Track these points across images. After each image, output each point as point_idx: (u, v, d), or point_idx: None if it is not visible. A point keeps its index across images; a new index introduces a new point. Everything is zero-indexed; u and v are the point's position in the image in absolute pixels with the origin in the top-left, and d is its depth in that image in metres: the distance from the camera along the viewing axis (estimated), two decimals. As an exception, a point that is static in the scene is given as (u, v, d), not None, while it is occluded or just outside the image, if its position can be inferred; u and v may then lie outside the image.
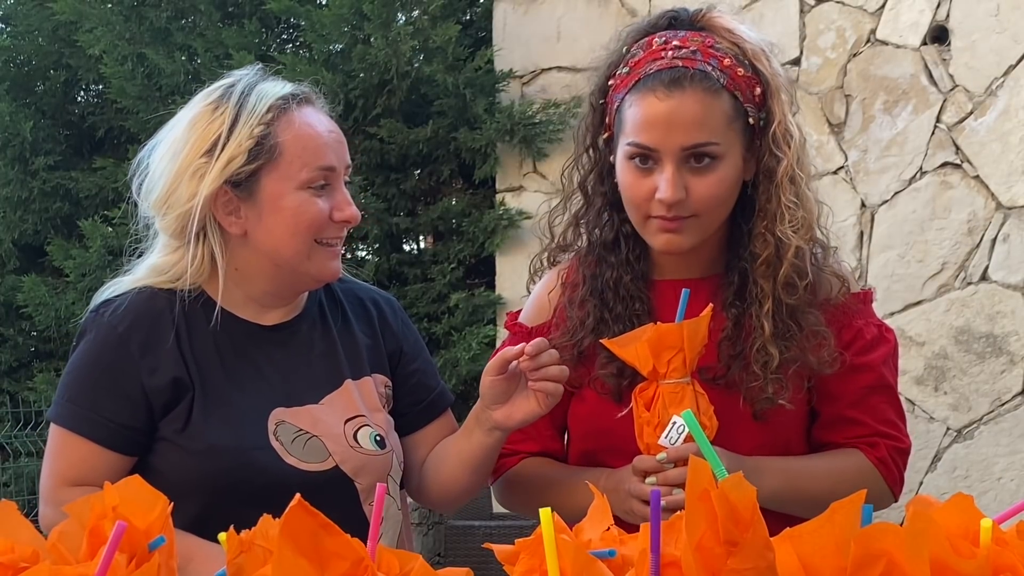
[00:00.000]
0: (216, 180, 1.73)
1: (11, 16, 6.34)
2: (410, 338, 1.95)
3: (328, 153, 1.77)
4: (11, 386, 6.15)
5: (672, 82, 1.68)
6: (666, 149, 1.68)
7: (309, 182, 1.74)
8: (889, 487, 1.80)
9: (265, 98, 1.79)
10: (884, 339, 1.81)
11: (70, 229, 5.97)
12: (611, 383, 1.77)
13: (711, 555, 0.85)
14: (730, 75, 1.71)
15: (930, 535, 0.83)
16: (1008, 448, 4.29)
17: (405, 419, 1.92)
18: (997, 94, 4.32)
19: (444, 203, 5.49)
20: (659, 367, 1.63)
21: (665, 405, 1.64)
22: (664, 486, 1.62)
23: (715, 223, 1.74)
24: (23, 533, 0.99)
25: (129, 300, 1.79)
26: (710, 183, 1.69)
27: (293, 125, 1.76)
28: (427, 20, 5.26)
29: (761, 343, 1.73)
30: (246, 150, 1.74)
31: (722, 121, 1.70)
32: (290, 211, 1.74)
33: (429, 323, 5.31)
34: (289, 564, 0.88)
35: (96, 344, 1.78)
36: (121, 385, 1.75)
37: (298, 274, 1.79)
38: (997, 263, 4.32)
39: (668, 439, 1.64)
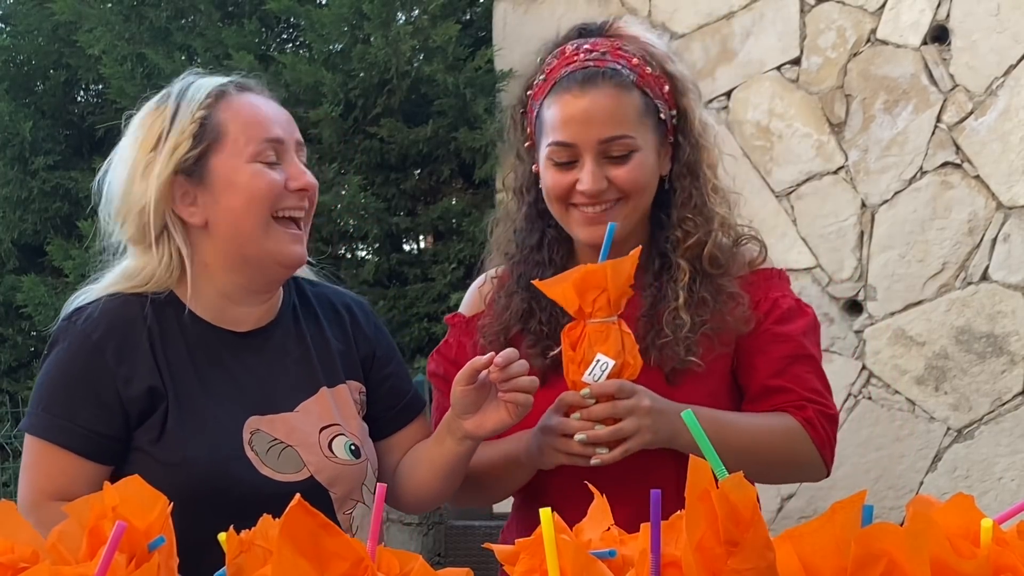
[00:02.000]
0: (165, 170, 1.73)
1: (11, 16, 6.34)
2: (383, 342, 1.94)
3: (273, 126, 1.77)
4: (11, 386, 6.15)
5: (585, 80, 1.78)
6: (584, 143, 1.76)
7: (258, 155, 1.74)
8: (818, 449, 1.82)
9: (204, 87, 1.79)
10: (802, 312, 1.87)
11: (70, 229, 5.97)
12: (536, 364, 1.82)
13: (711, 555, 0.85)
14: (639, 73, 1.80)
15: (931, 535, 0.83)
16: (1009, 448, 4.29)
17: (379, 424, 1.91)
18: (997, 94, 4.32)
19: (444, 203, 5.49)
20: (584, 306, 1.68)
21: (591, 343, 1.68)
22: (588, 421, 1.66)
23: (638, 210, 1.82)
24: (23, 533, 0.99)
25: (102, 307, 1.77)
26: (630, 169, 1.78)
27: (233, 105, 1.77)
28: (427, 20, 5.26)
29: (674, 309, 1.80)
30: (190, 135, 1.74)
31: (634, 115, 1.79)
32: (243, 184, 1.73)
33: (429, 323, 5.31)
34: (289, 564, 0.88)
35: (70, 352, 1.75)
36: (97, 393, 1.72)
37: (261, 258, 1.76)
38: (997, 263, 4.32)
39: (592, 376, 1.68)
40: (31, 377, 5.95)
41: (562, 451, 1.72)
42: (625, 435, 1.68)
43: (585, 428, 1.69)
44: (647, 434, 1.69)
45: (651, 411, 1.69)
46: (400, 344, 5.33)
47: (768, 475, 1.84)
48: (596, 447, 1.70)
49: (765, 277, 1.88)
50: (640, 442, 1.69)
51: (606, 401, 1.69)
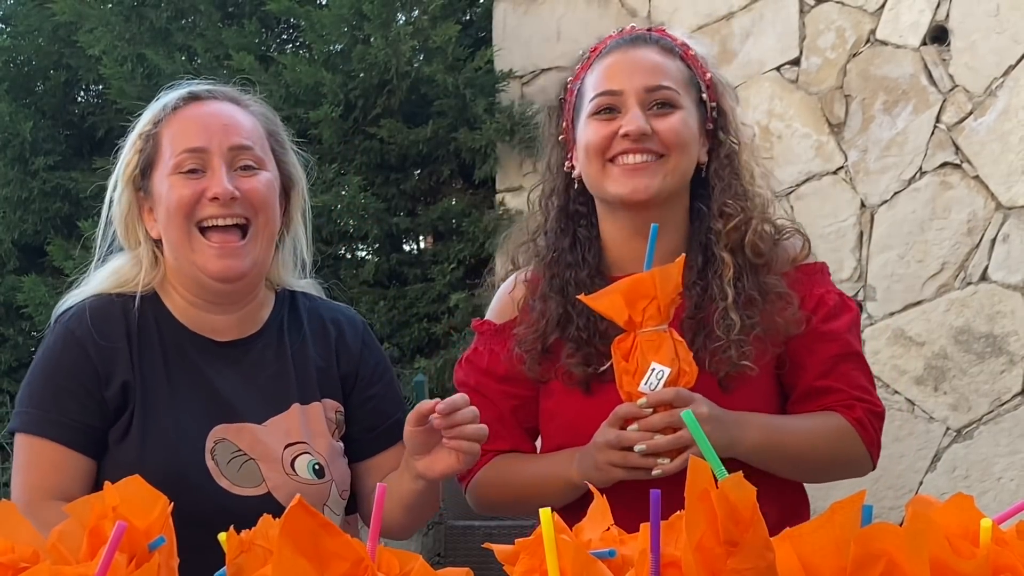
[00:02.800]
0: (121, 183, 1.79)
1: (11, 16, 6.33)
2: (370, 361, 1.90)
3: (196, 135, 1.76)
4: (11, 386, 6.15)
5: (632, 40, 1.81)
6: (630, 90, 1.75)
7: (177, 167, 1.75)
8: (867, 448, 1.81)
9: (164, 101, 1.83)
10: (847, 307, 1.84)
11: (70, 229, 5.96)
12: (578, 372, 1.79)
13: (711, 555, 0.85)
14: (684, 51, 1.82)
15: (930, 535, 0.83)
16: (1008, 448, 4.29)
17: (357, 445, 1.88)
18: (997, 94, 4.32)
19: (444, 203, 5.49)
20: (635, 316, 1.66)
21: (643, 353, 1.66)
22: (646, 432, 1.64)
23: (678, 170, 1.78)
24: (23, 533, 0.99)
25: (86, 306, 1.80)
26: (673, 122, 1.76)
27: (175, 119, 1.79)
28: (427, 20, 5.26)
29: (723, 309, 1.76)
30: (136, 151, 1.80)
31: (679, 77, 1.79)
32: (163, 198, 1.76)
33: (429, 323, 5.31)
34: (289, 564, 0.88)
35: (54, 349, 1.78)
36: (83, 384, 1.75)
37: (196, 273, 1.77)
38: (997, 263, 4.32)
39: (648, 385, 1.66)
40: (31, 377, 5.95)
41: (620, 465, 1.68)
42: (685, 443, 1.65)
43: (644, 439, 1.66)
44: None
45: (710, 419, 1.66)
46: (400, 344, 5.33)
47: (820, 476, 1.82)
48: (657, 458, 1.67)
49: (809, 273, 1.85)
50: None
51: (664, 410, 1.65)
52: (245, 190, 1.75)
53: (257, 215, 1.77)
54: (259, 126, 1.84)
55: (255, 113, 1.86)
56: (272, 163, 1.84)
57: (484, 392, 1.90)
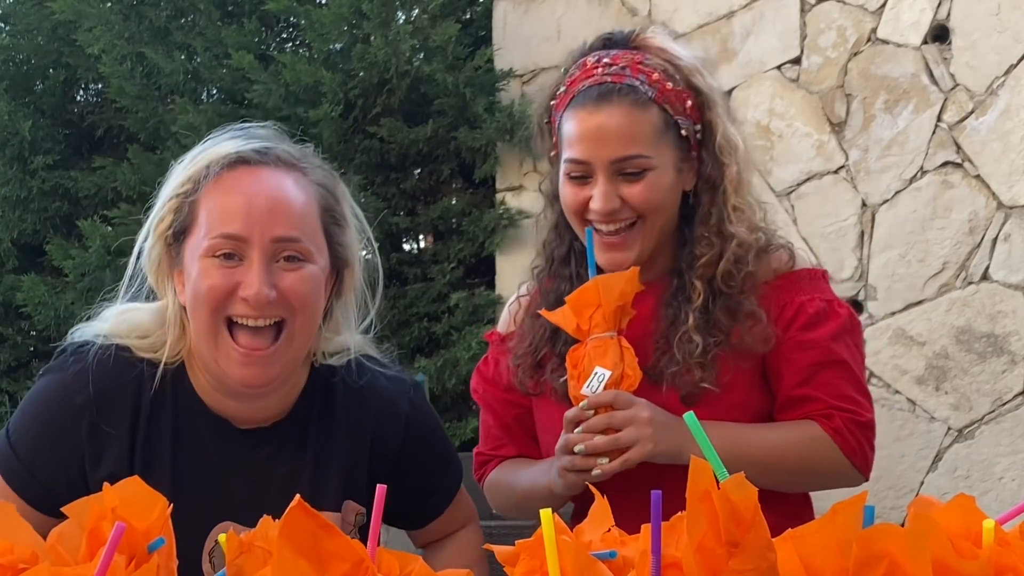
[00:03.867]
0: (153, 237, 1.60)
1: (10, 15, 6.33)
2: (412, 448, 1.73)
3: (237, 220, 1.54)
4: (10, 386, 6.14)
5: (600, 96, 1.74)
6: (597, 162, 1.74)
7: (211, 250, 1.54)
8: (848, 457, 1.79)
9: (206, 156, 1.59)
10: (833, 313, 1.81)
11: (69, 229, 5.96)
12: (560, 388, 1.80)
13: (712, 556, 0.84)
14: (659, 89, 1.76)
15: (932, 536, 0.83)
16: (1009, 448, 4.28)
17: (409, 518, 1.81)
18: (998, 93, 4.32)
19: (444, 203, 5.49)
20: (582, 324, 1.69)
21: (590, 359, 1.69)
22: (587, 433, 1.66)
23: (655, 230, 1.79)
24: (22, 534, 0.99)
25: (98, 365, 1.61)
26: (643, 188, 1.74)
27: (216, 186, 1.57)
28: (427, 19, 5.26)
29: (685, 331, 1.77)
30: (171, 211, 1.59)
31: (651, 133, 1.75)
32: (193, 280, 1.56)
33: (429, 323, 5.31)
34: (289, 565, 0.88)
35: (50, 403, 1.62)
36: (62, 457, 1.60)
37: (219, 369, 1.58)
38: (998, 263, 4.31)
39: (589, 388, 1.68)
40: (31, 377, 5.93)
41: (568, 469, 1.70)
42: (623, 445, 1.67)
43: (584, 440, 1.68)
44: (648, 444, 1.67)
45: (651, 422, 1.68)
46: (400, 344, 5.33)
47: (795, 484, 1.80)
48: (598, 458, 1.68)
49: (792, 280, 1.83)
50: (641, 452, 1.67)
51: (604, 412, 1.67)
52: (284, 288, 1.55)
53: (295, 316, 1.57)
54: (313, 203, 1.60)
55: (312, 183, 1.62)
56: (323, 249, 1.62)
57: (490, 401, 1.93)
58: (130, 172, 5.55)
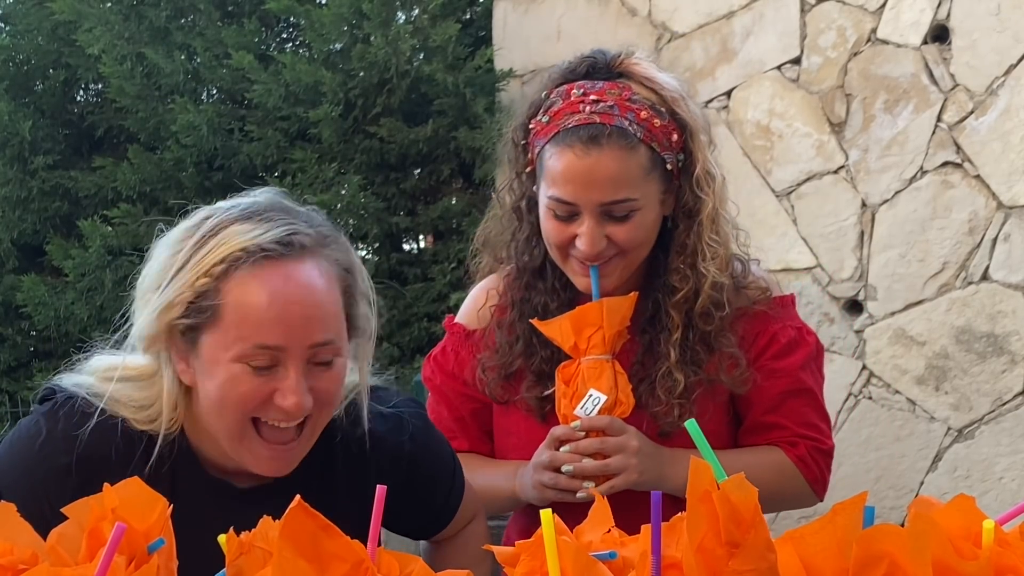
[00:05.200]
0: (154, 322, 1.49)
1: (10, 15, 6.33)
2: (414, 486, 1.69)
3: (273, 330, 1.46)
4: (10, 386, 6.15)
5: (590, 139, 1.71)
6: (585, 204, 1.72)
7: (244, 357, 1.46)
8: (810, 484, 1.83)
9: (224, 246, 1.48)
10: (802, 342, 1.83)
11: (69, 229, 5.96)
12: (535, 404, 1.82)
13: (712, 556, 0.84)
14: (647, 127, 1.73)
15: (932, 536, 0.83)
16: (1009, 448, 4.29)
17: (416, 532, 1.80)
18: (998, 93, 4.32)
19: (444, 203, 5.49)
20: (580, 343, 1.69)
21: (584, 380, 1.70)
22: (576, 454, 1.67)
23: (637, 261, 1.79)
24: (22, 535, 0.98)
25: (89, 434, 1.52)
26: (629, 229, 1.74)
27: (241, 286, 1.46)
28: (427, 19, 5.26)
29: (667, 368, 1.77)
30: (183, 303, 1.47)
31: (639, 174, 1.73)
32: (219, 383, 1.48)
33: (429, 323, 5.31)
34: (289, 565, 0.88)
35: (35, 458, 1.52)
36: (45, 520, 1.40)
37: (239, 458, 1.53)
38: (998, 263, 4.32)
39: (584, 410, 1.70)
40: (31, 377, 5.95)
41: (550, 486, 1.72)
42: (612, 471, 1.70)
43: (573, 461, 1.70)
44: (633, 473, 1.70)
45: (639, 452, 1.71)
46: (400, 344, 5.33)
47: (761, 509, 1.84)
48: (583, 481, 1.70)
49: (764, 310, 1.84)
50: (626, 481, 1.70)
51: (596, 436, 1.69)
52: (318, 389, 1.51)
53: (321, 411, 1.54)
54: (336, 291, 1.52)
55: (333, 265, 1.54)
56: (345, 334, 1.55)
57: (446, 392, 1.93)
58: (130, 172, 5.55)
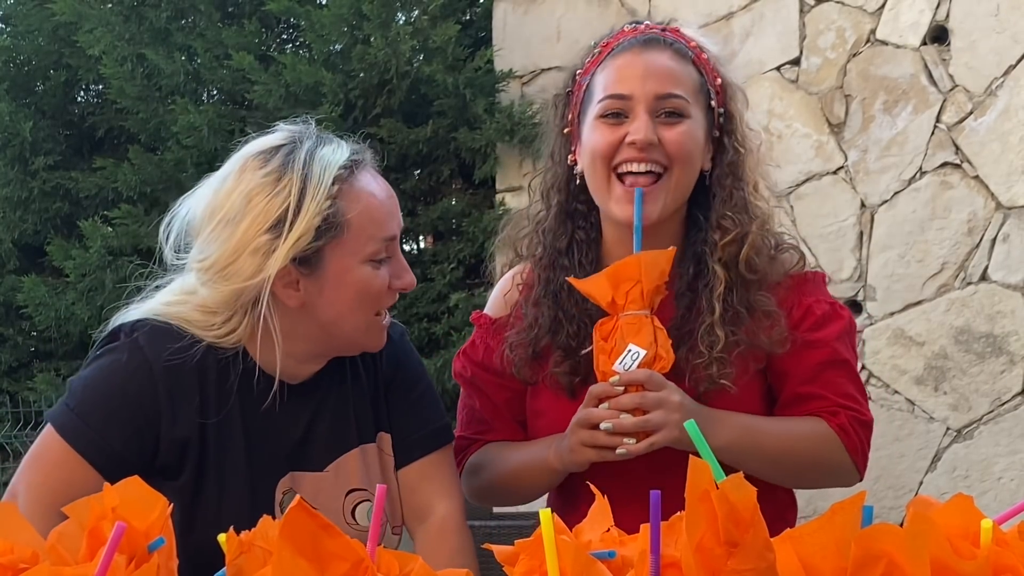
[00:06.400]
0: (283, 259, 1.66)
1: (11, 16, 6.34)
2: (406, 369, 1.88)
3: (391, 222, 1.73)
4: (11, 386, 6.15)
5: (645, 42, 1.76)
6: (640, 96, 1.72)
7: (374, 255, 1.71)
8: (851, 456, 1.79)
9: (329, 168, 1.71)
10: (837, 315, 1.82)
11: (70, 229, 5.97)
12: (564, 380, 1.79)
13: (711, 556, 0.84)
14: (696, 54, 1.78)
15: (930, 536, 0.83)
16: (1008, 448, 4.29)
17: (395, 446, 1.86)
18: (997, 94, 4.32)
19: (444, 203, 5.49)
20: (618, 299, 1.66)
21: (623, 335, 1.67)
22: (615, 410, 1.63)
23: (680, 186, 1.77)
24: (23, 534, 0.99)
25: (170, 341, 1.71)
26: (680, 133, 1.73)
27: (359, 197, 1.70)
28: (427, 20, 5.26)
29: (709, 324, 1.75)
30: (313, 228, 1.66)
31: (690, 84, 1.75)
32: (355, 286, 1.70)
33: (429, 323, 5.31)
34: (289, 565, 0.88)
35: (127, 372, 1.71)
36: (137, 422, 1.69)
37: (349, 345, 1.76)
38: (997, 263, 4.32)
39: (622, 365, 1.65)
40: (31, 377, 5.95)
41: (589, 444, 1.67)
42: (652, 427, 1.64)
43: (611, 417, 1.65)
44: (675, 430, 1.64)
45: (681, 407, 1.66)
46: (400, 344, 5.32)
47: (800, 479, 1.81)
48: (623, 438, 1.65)
49: (799, 282, 1.84)
50: (667, 437, 1.64)
51: (635, 391, 1.65)
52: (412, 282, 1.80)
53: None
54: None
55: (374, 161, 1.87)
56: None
57: (479, 384, 1.91)
58: (131, 173, 5.55)
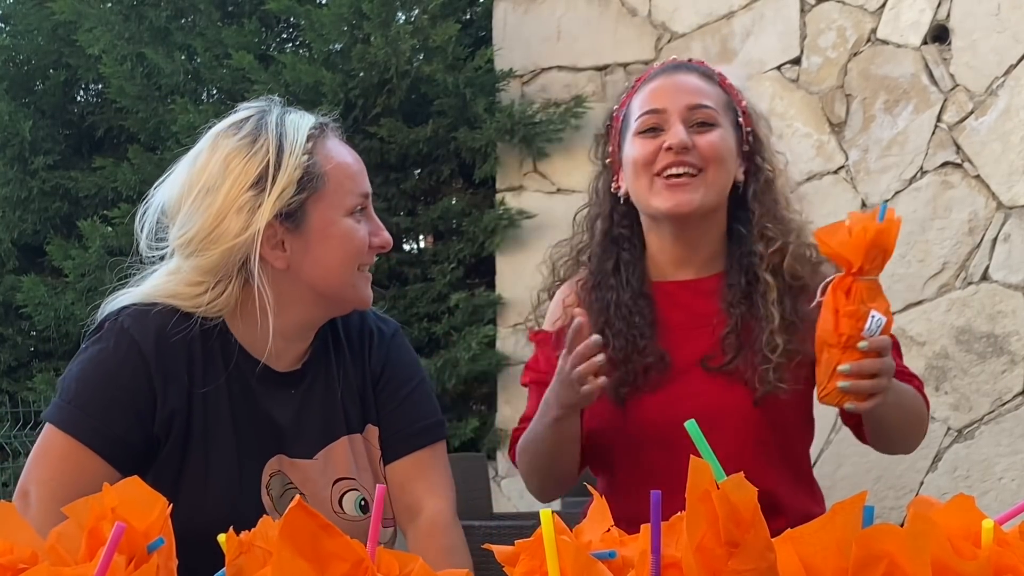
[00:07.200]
0: (270, 212, 1.69)
1: (10, 15, 6.34)
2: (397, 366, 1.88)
3: (364, 180, 1.80)
4: (10, 386, 6.15)
5: (674, 67, 1.97)
6: (673, 108, 1.90)
7: (353, 208, 1.75)
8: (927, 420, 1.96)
9: (300, 128, 1.77)
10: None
11: (69, 229, 5.97)
12: (612, 393, 1.88)
13: (712, 556, 0.84)
14: (720, 79, 1.97)
15: (931, 536, 0.83)
16: (1009, 448, 4.29)
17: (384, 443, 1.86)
18: (998, 93, 4.32)
19: (444, 203, 5.49)
20: (866, 264, 1.78)
21: (863, 300, 1.78)
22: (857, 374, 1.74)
23: (716, 185, 1.91)
24: (22, 534, 0.98)
25: (155, 319, 1.73)
26: (712, 138, 1.90)
27: (332, 155, 1.77)
28: (427, 19, 5.26)
29: (770, 331, 1.87)
30: (295, 180, 1.71)
31: (718, 99, 1.94)
32: (339, 239, 1.74)
33: (429, 323, 5.31)
34: (289, 565, 0.88)
35: (117, 356, 1.72)
36: (136, 405, 1.70)
37: (338, 302, 1.77)
38: (998, 263, 4.32)
39: (869, 331, 1.77)
40: (31, 377, 5.95)
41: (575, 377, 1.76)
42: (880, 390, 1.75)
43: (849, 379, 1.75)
44: (887, 395, 1.76)
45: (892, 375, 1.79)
46: (400, 344, 5.31)
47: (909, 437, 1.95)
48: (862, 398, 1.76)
49: None
50: (880, 401, 1.76)
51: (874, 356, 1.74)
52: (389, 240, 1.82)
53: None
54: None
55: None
56: None
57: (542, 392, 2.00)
58: (130, 172, 5.56)
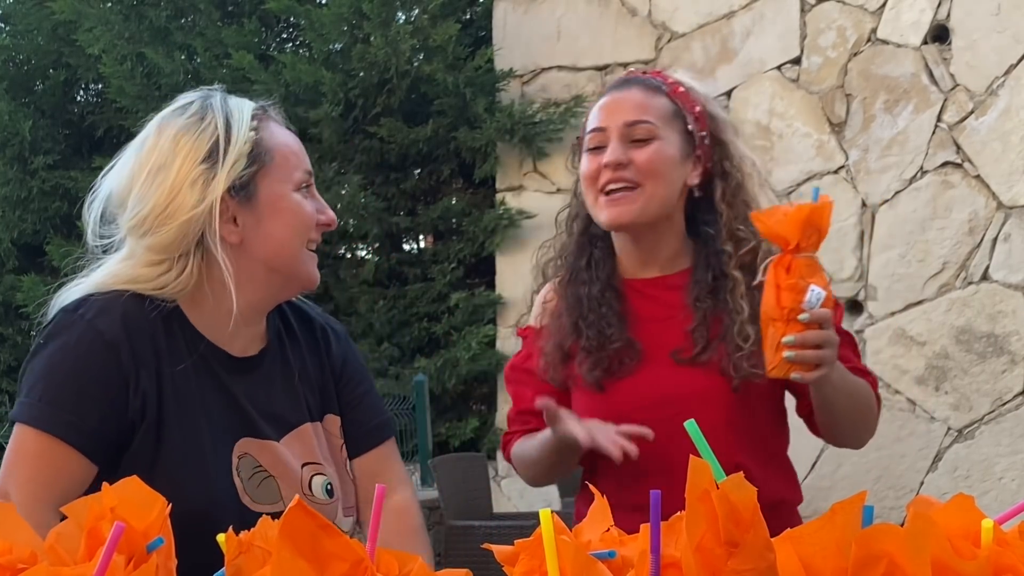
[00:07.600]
0: (223, 183, 1.70)
1: (10, 15, 6.34)
2: (354, 364, 1.92)
3: (306, 158, 1.81)
4: (10, 386, 6.15)
5: (621, 83, 2.04)
6: (612, 125, 1.98)
7: (300, 183, 1.76)
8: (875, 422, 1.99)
9: (244, 108, 1.78)
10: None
11: (69, 228, 5.97)
12: (589, 377, 1.95)
13: (711, 556, 0.84)
14: (673, 88, 2.02)
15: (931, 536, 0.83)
16: (1009, 448, 4.29)
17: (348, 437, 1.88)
18: (998, 93, 4.32)
19: (444, 202, 5.49)
20: (802, 242, 1.85)
21: (802, 275, 1.86)
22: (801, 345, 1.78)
23: (655, 198, 1.97)
24: (21, 534, 0.98)
25: (117, 305, 1.71)
26: (648, 153, 1.96)
27: (273, 131, 1.78)
28: (427, 19, 5.26)
29: (740, 323, 1.94)
30: (246, 154, 1.72)
31: (660, 113, 1.98)
32: (289, 212, 1.75)
33: (429, 323, 5.31)
34: (288, 565, 0.88)
35: (80, 347, 1.70)
36: (109, 396, 1.68)
37: (290, 279, 1.78)
38: (998, 263, 4.32)
39: (808, 303, 1.84)
40: (31, 377, 5.96)
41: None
42: (824, 361, 1.80)
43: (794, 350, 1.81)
44: (829, 369, 1.81)
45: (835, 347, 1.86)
46: (400, 344, 5.33)
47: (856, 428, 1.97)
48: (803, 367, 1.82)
49: None
50: (824, 372, 1.81)
51: (815, 328, 1.80)
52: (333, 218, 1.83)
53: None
54: None
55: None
56: None
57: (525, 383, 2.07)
58: (130, 172, 5.56)
